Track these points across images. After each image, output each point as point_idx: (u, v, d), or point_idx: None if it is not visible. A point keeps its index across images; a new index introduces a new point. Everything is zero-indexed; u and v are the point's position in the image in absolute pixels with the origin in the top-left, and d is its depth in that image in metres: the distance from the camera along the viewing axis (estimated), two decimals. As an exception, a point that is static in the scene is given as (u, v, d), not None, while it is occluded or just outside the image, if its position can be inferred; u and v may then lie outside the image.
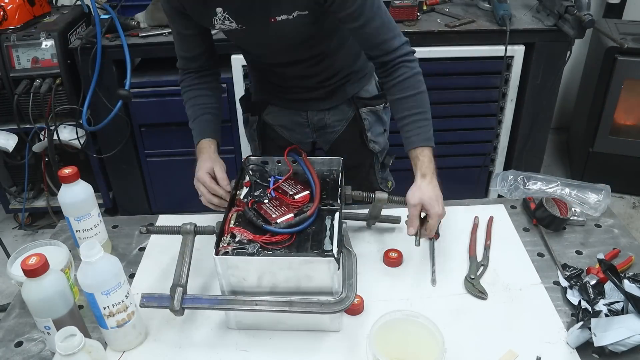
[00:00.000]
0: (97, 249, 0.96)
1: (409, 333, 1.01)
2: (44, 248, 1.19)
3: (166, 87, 2.33)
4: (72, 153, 2.48)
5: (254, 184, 1.22)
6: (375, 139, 1.53)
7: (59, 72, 2.27)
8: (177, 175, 2.57)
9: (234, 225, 1.08)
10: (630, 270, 1.21)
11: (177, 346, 1.08)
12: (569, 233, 1.35)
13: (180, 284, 1.06)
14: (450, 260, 1.27)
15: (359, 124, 1.50)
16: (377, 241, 1.33)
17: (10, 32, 2.23)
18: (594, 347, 1.00)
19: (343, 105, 1.49)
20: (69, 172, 1.18)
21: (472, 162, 2.55)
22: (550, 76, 2.30)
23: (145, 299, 1.05)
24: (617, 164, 2.74)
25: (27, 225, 2.78)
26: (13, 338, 1.10)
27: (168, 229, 1.18)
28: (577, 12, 2.03)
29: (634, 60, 2.49)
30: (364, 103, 1.48)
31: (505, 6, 2.20)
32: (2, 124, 2.40)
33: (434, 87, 2.32)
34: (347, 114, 1.50)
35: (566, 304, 1.14)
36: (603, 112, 2.64)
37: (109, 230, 1.35)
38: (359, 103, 1.48)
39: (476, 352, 1.04)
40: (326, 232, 1.06)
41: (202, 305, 1.05)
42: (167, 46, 2.24)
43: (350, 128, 1.51)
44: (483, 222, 1.39)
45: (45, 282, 0.95)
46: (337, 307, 1.01)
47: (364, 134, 1.51)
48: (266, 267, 1.01)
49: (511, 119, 2.43)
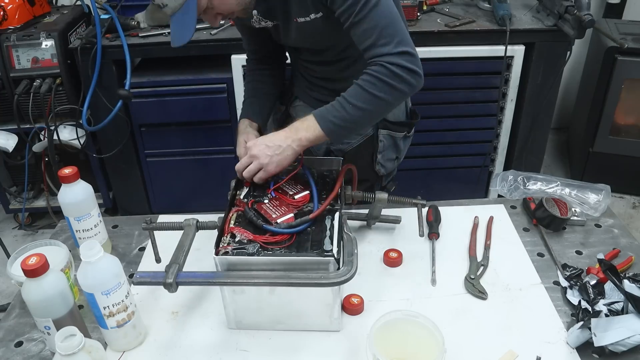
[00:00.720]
0: (97, 249, 0.96)
1: (409, 333, 1.01)
2: (44, 248, 1.19)
3: (166, 87, 2.33)
4: (72, 153, 2.48)
5: (254, 184, 1.22)
6: (384, 163, 1.50)
7: (59, 72, 2.27)
8: (177, 175, 2.58)
9: (234, 225, 1.08)
10: (630, 270, 1.21)
11: (177, 346, 1.08)
12: (569, 233, 1.35)
13: (176, 262, 1.04)
14: (450, 260, 1.27)
15: (373, 144, 1.47)
16: (377, 241, 1.33)
17: (10, 32, 2.24)
18: (594, 347, 1.00)
19: None
20: (69, 172, 1.18)
21: (472, 162, 2.55)
22: (550, 76, 2.30)
23: (138, 275, 1.02)
24: (617, 164, 2.74)
25: (27, 225, 2.78)
26: (13, 338, 1.10)
27: (170, 225, 1.17)
28: (577, 12, 2.03)
29: (634, 60, 2.49)
30: (385, 125, 1.44)
31: (505, 6, 2.20)
32: (2, 124, 2.40)
33: (433, 87, 2.35)
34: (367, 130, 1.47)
35: (566, 304, 1.14)
36: (603, 112, 2.64)
37: (109, 230, 1.35)
38: (381, 123, 1.43)
39: (476, 352, 1.04)
40: (326, 232, 1.06)
41: (197, 279, 1.03)
42: (167, 46, 2.23)
43: (364, 144, 1.47)
44: (483, 222, 1.39)
45: (45, 282, 0.95)
46: (338, 279, 0.98)
47: (374, 155, 1.48)
48: (266, 267, 1.01)
49: (511, 119, 2.43)
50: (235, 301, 1.07)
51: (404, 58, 1.13)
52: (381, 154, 1.48)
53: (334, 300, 1.05)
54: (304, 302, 1.06)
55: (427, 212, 1.38)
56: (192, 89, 2.33)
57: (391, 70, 1.12)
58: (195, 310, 1.16)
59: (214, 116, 2.40)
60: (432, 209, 1.39)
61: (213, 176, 2.56)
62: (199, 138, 2.46)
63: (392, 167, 1.54)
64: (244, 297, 1.06)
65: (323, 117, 1.17)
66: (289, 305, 1.07)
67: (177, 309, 1.16)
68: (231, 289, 1.05)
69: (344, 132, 1.19)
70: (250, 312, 1.09)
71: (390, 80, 1.13)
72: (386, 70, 1.12)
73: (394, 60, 1.12)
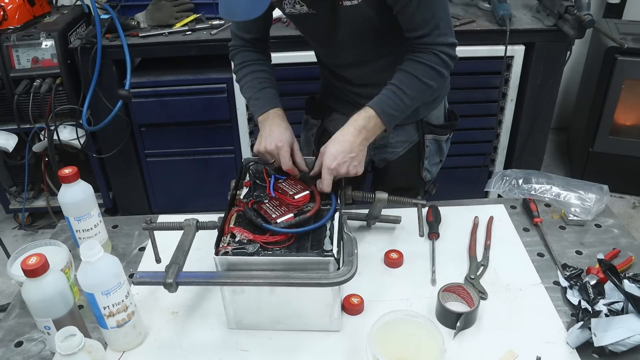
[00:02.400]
0: (97, 249, 0.96)
1: (409, 333, 1.01)
2: (44, 248, 1.19)
3: (166, 87, 2.33)
4: (72, 153, 2.48)
5: (254, 184, 1.22)
6: (430, 168, 1.50)
7: (59, 72, 2.27)
8: (177, 175, 2.58)
9: (234, 225, 1.08)
10: (630, 270, 1.21)
11: (177, 346, 1.08)
12: (569, 233, 1.35)
13: (176, 262, 1.04)
14: (450, 260, 1.27)
15: (420, 150, 1.46)
16: (377, 241, 1.33)
17: (10, 32, 2.24)
18: (594, 347, 1.00)
19: (410, 127, 1.43)
20: (69, 172, 1.18)
21: (472, 162, 2.55)
22: (550, 76, 2.30)
23: (138, 275, 1.03)
24: (617, 164, 2.74)
25: (27, 225, 2.78)
26: (13, 338, 1.10)
27: (170, 225, 1.17)
28: (577, 12, 2.03)
29: (634, 60, 2.49)
30: (431, 129, 1.43)
31: (505, 6, 2.20)
32: (2, 124, 2.40)
33: (433, 87, 2.33)
34: (412, 136, 1.45)
35: (566, 304, 1.14)
36: (603, 112, 2.64)
37: (109, 230, 1.35)
38: (426, 128, 1.43)
39: (476, 352, 1.04)
40: (326, 232, 1.06)
41: (197, 279, 1.03)
42: (167, 46, 2.25)
43: (410, 152, 1.46)
44: (483, 222, 1.39)
45: (45, 282, 0.95)
46: (338, 279, 0.98)
47: (421, 161, 1.47)
48: (266, 267, 1.01)
49: (511, 119, 2.43)
50: (235, 301, 1.07)
51: (453, 49, 1.20)
52: (427, 160, 1.48)
53: (334, 300, 1.05)
54: (304, 302, 1.06)
55: (427, 212, 1.38)
56: (192, 89, 2.33)
57: (443, 60, 1.18)
58: (195, 310, 1.16)
59: (214, 116, 2.40)
60: (432, 209, 1.39)
61: (213, 176, 2.56)
62: (199, 138, 2.46)
63: (436, 171, 1.54)
64: (244, 297, 1.06)
65: (385, 112, 1.18)
66: (288, 305, 1.07)
67: (177, 309, 1.16)
68: (231, 289, 1.05)
69: (396, 121, 1.23)
70: (250, 312, 1.09)
71: (441, 68, 1.19)
72: (439, 59, 1.18)
73: (447, 50, 1.18)
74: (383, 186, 1.41)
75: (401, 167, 1.50)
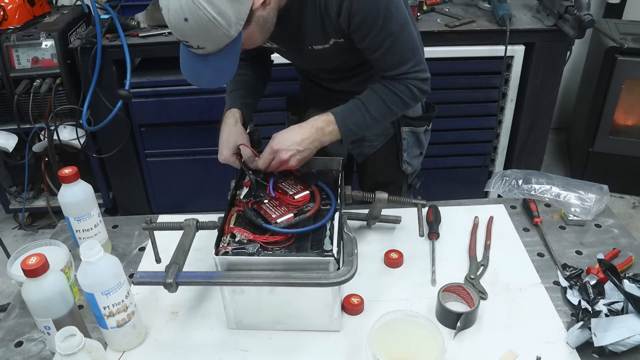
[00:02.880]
0: (97, 249, 0.96)
1: (409, 333, 1.01)
2: (44, 248, 1.19)
3: (166, 87, 2.33)
4: (72, 153, 2.48)
5: (254, 184, 1.22)
6: (410, 160, 1.51)
7: (59, 72, 2.27)
8: (177, 175, 2.58)
9: (234, 225, 1.08)
10: (630, 270, 1.21)
11: (177, 346, 1.08)
12: (569, 233, 1.35)
13: (176, 262, 1.04)
14: (450, 260, 1.27)
15: (397, 143, 1.47)
16: (377, 241, 1.33)
17: (10, 32, 2.23)
18: (594, 347, 1.00)
19: None
20: (69, 172, 1.18)
21: (472, 162, 2.55)
22: (550, 76, 2.30)
23: (138, 275, 1.03)
24: (617, 164, 2.74)
25: (27, 225, 2.78)
26: (13, 338, 1.10)
27: (170, 225, 1.17)
28: (577, 12, 2.03)
29: (634, 60, 2.49)
30: (407, 122, 1.45)
31: (505, 6, 2.20)
32: (2, 124, 2.40)
33: (433, 87, 2.32)
34: (387, 130, 1.46)
35: (566, 304, 1.14)
36: (603, 112, 2.64)
37: (109, 230, 1.35)
38: (402, 121, 1.44)
39: (476, 352, 1.04)
40: (326, 232, 1.06)
41: (197, 279, 1.03)
42: (167, 46, 2.24)
43: (387, 145, 1.48)
44: (483, 222, 1.39)
45: (45, 282, 0.95)
46: (338, 279, 0.99)
47: (399, 154, 1.49)
48: (266, 267, 1.01)
49: (511, 119, 2.43)
50: (235, 301, 1.07)
51: (427, 83, 1.24)
52: (406, 152, 1.49)
53: (334, 300, 1.05)
54: (304, 302, 1.06)
55: (427, 212, 1.38)
56: (192, 89, 2.32)
57: (413, 93, 1.22)
58: (195, 310, 1.16)
59: (214, 116, 2.38)
60: (432, 209, 1.39)
61: (213, 176, 2.55)
62: (199, 138, 2.46)
63: (417, 163, 1.55)
64: (244, 297, 1.06)
65: (345, 125, 1.21)
66: (288, 305, 1.07)
67: (177, 309, 1.16)
68: (231, 289, 1.05)
69: (354, 137, 1.27)
70: (250, 312, 1.09)
71: (409, 100, 1.23)
72: (409, 91, 1.21)
73: (420, 85, 1.22)
74: (365, 181, 1.48)
75: (380, 160, 1.52)
